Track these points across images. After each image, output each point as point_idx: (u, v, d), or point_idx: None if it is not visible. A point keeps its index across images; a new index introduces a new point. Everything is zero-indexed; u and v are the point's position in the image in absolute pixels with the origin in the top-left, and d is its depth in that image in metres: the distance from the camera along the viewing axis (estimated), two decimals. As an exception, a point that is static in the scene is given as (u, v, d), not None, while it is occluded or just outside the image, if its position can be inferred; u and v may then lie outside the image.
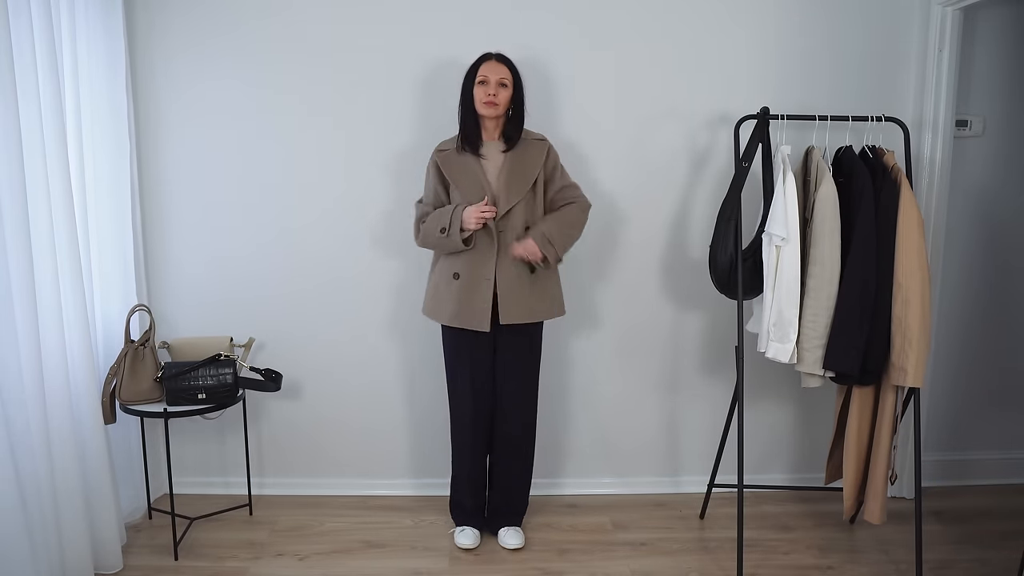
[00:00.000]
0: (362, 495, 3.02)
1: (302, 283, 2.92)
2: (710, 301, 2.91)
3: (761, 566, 2.51)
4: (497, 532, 2.65)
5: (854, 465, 2.50)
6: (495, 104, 2.40)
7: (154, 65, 2.78)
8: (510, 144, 2.48)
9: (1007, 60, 2.92)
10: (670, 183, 2.90)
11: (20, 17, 2.02)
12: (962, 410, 3.14)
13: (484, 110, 2.42)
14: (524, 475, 2.68)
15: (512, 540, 2.60)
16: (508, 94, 2.43)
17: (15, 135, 1.96)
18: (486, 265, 2.43)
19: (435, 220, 2.44)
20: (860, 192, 2.33)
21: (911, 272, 2.27)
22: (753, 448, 3.01)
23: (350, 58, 2.79)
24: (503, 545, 2.61)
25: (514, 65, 2.45)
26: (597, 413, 3.04)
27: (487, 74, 2.40)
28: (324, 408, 3.00)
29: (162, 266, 2.90)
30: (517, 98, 2.46)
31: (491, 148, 2.49)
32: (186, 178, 2.85)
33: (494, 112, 2.42)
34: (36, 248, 2.10)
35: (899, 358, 2.31)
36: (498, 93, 2.40)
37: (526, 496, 2.71)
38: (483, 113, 2.43)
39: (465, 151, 2.47)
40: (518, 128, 2.48)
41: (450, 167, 2.47)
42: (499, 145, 2.49)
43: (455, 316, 2.46)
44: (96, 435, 2.38)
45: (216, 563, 2.50)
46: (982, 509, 2.93)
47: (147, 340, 2.62)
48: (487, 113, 2.42)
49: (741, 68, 2.84)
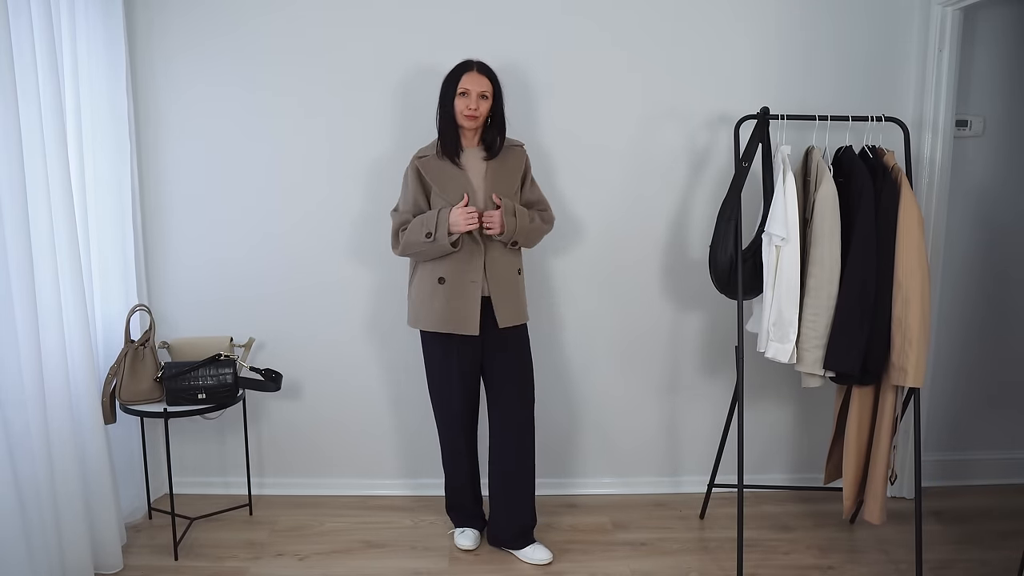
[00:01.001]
0: (362, 495, 3.02)
1: (302, 283, 2.92)
2: (710, 301, 2.91)
3: (761, 566, 2.51)
4: (513, 550, 2.56)
5: (854, 465, 2.50)
6: (475, 117, 2.39)
7: (154, 65, 2.78)
8: (491, 152, 2.46)
9: (1007, 60, 2.92)
10: (670, 183, 2.90)
11: (20, 17, 2.02)
12: (962, 410, 3.14)
13: (465, 122, 2.40)
14: (531, 486, 2.58)
15: (542, 555, 2.52)
16: (488, 105, 2.42)
17: (15, 135, 1.96)
18: (473, 268, 2.41)
19: (418, 226, 2.39)
20: (860, 192, 2.33)
21: (911, 272, 2.27)
22: (753, 448, 3.01)
23: (351, 58, 2.79)
24: (531, 562, 2.51)
25: (495, 75, 2.42)
26: (597, 413, 3.04)
27: (468, 87, 2.38)
28: (324, 408, 3.00)
29: (162, 266, 2.90)
30: (497, 108, 2.45)
31: (471, 155, 2.47)
32: (186, 178, 2.85)
33: (474, 124, 2.41)
34: (36, 248, 2.10)
35: (899, 358, 2.31)
36: (479, 106, 2.38)
37: (534, 506, 2.61)
38: (463, 124, 2.41)
39: (445, 158, 2.44)
40: (499, 136, 2.47)
41: (433, 173, 2.43)
42: (478, 152, 2.47)
43: (444, 322, 2.42)
44: (96, 435, 2.39)
45: (216, 563, 2.50)
46: (982, 509, 2.93)
47: (147, 340, 2.62)
48: (467, 125, 2.41)
49: (741, 68, 2.84)
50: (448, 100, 2.41)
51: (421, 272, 2.48)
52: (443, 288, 2.41)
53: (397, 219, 2.50)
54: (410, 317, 2.54)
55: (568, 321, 2.95)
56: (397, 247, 2.50)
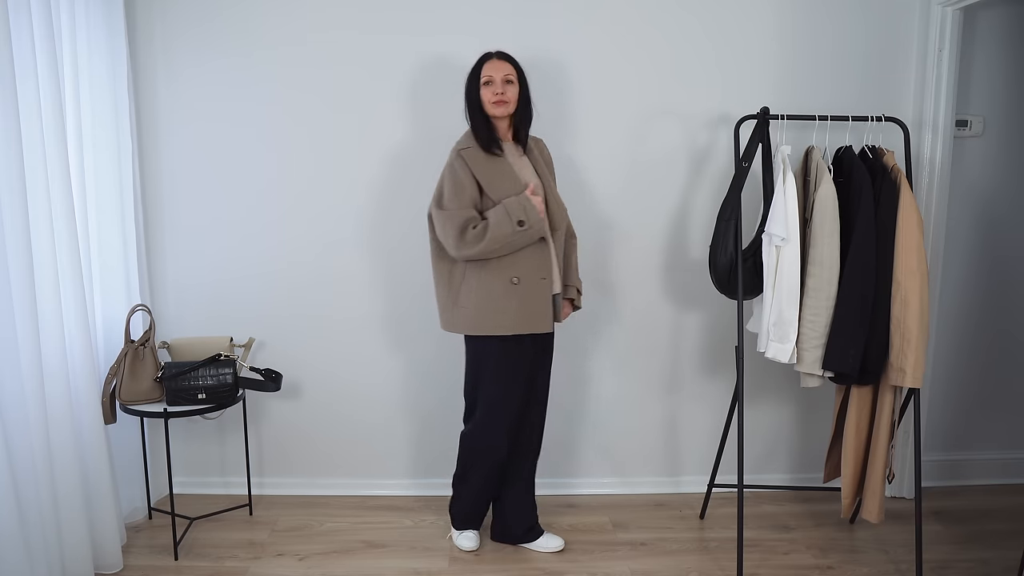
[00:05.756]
0: (362, 495, 3.02)
1: (303, 283, 2.92)
2: (710, 301, 2.91)
3: (761, 566, 2.51)
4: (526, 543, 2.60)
5: (852, 463, 2.50)
6: (505, 102, 2.31)
7: (155, 64, 2.78)
8: (518, 138, 2.43)
9: (1007, 60, 2.92)
10: (670, 183, 2.90)
11: (20, 15, 2.02)
12: (962, 410, 3.13)
13: (495, 110, 2.32)
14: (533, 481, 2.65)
15: (556, 543, 2.59)
16: (515, 90, 2.34)
17: (15, 135, 1.96)
18: (543, 264, 2.35)
19: (503, 216, 2.24)
20: (860, 192, 2.33)
21: (910, 272, 2.27)
22: (753, 448, 3.02)
23: (354, 54, 2.79)
24: (547, 551, 2.58)
25: (516, 61, 2.38)
26: (597, 413, 3.05)
27: (491, 73, 2.31)
28: (324, 408, 3.00)
29: (162, 266, 2.90)
30: (524, 95, 2.39)
31: (508, 149, 2.41)
32: (187, 178, 2.85)
33: (505, 111, 2.33)
34: (36, 248, 2.10)
35: (898, 358, 2.31)
36: (506, 91, 2.31)
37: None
38: (494, 113, 2.33)
39: (486, 151, 2.34)
40: (528, 127, 2.43)
41: (480, 167, 2.31)
42: (514, 147, 2.43)
43: (521, 322, 2.31)
44: (96, 435, 2.39)
45: (216, 563, 2.50)
46: (982, 509, 2.93)
47: (147, 340, 2.62)
48: (498, 113, 2.33)
49: (741, 68, 2.84)
50: (474, 94, 2.35)
51: (482, 275, 2.32)
52: (518, 288, 2.31)
53: (460, 217, 2.27)
54: (473, 322, 2.35)
55: (568, 320, 2.94)
56: (468, 246, 2.26)
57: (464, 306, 2.35)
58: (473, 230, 2.27)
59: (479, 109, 2.35)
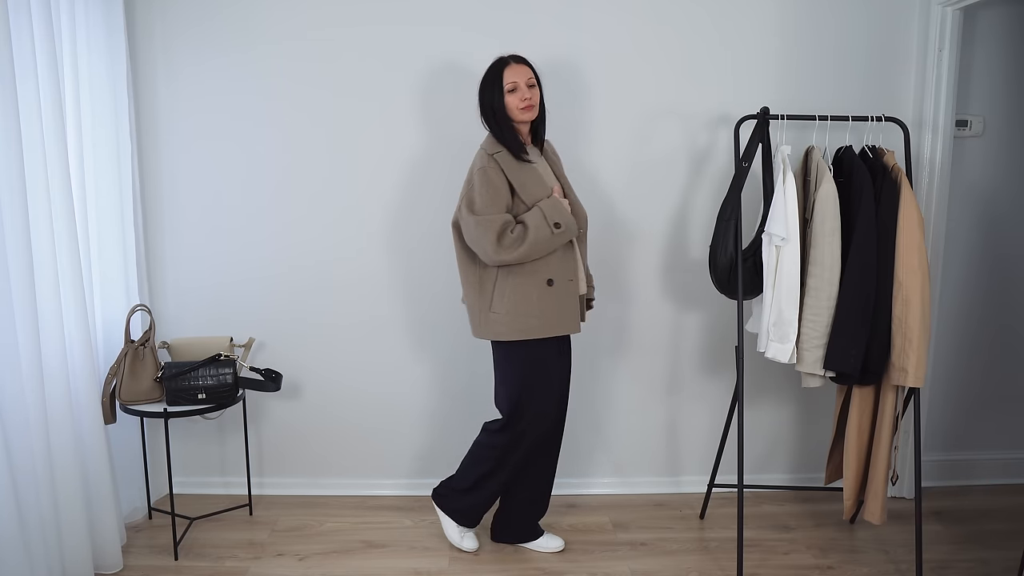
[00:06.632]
0: (362, 495, 3.02)
1: (302, 283, 2.91)
2: (710, 301, 2.91)
3: (761, 566, 2.51)
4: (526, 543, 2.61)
5: (854, 465, 2.50)
6: (533, 106, 2.29)
7: (155, 63, 2.78)
8: (540, 143, 2.44)
9: (1007, 60, 2.92)
10: (670, 183, 2.90)
11: (20, 15, 2.02)
12: (962, 410, 3.13)
13: (524, 116, 2.29)
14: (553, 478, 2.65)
15: (556, 543, 2.60)
16: (538, 93, 2.33)
17: (15, 135, 1.96)
18: (571, 266, 2.36)
19: (540, 219, 2.24)
20: (860, 192, 2.33)
21: (911, 272, 2.27)
22: (753, 448, 3.02)
23: (353, 57, 2.79)
24: (548, 551, 2.58)
25: (531, 63, 2.36)
26: (597, 413, 3.04)
27: (515, 79, 2.27)
28: (324, 408, 3.00)
29: (162, 266, 2.90)
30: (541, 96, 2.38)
31: (531, 152, 2.40)
32: (186, 178, 2.85)
33: (532, 116, 2.31)
34: (36, 248, 2.10)
35: (899, 358, 2.31)
36: (532, 96, 2.29)
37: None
38: (523, 119, 2.30)
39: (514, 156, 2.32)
40: (545, 128, 2.44)
41: (513, 172, 2.29)
42: (533, 148, 2.42)
43: (557, 324, 2.32)
44: (96, 435, 2.38)
45: (216, 563, 2.50)
46: (982, 509, 2.93)
47: (147, 340, 2.62)
48: (526, 118, 2.30)
49: (741, 68, 2.84)
50: (497, 101, 2.29)
51: (516, 280, 2.29)
52: (552, 290, 2.31)
53: (496, 222, 2.23)
54: (501, 329, 2.31)
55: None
56: (507, 251, 2.23)
57: (498, 311, 2.32)
58: (511, 235, 2.24)
59: (504, 115, 2.30)
